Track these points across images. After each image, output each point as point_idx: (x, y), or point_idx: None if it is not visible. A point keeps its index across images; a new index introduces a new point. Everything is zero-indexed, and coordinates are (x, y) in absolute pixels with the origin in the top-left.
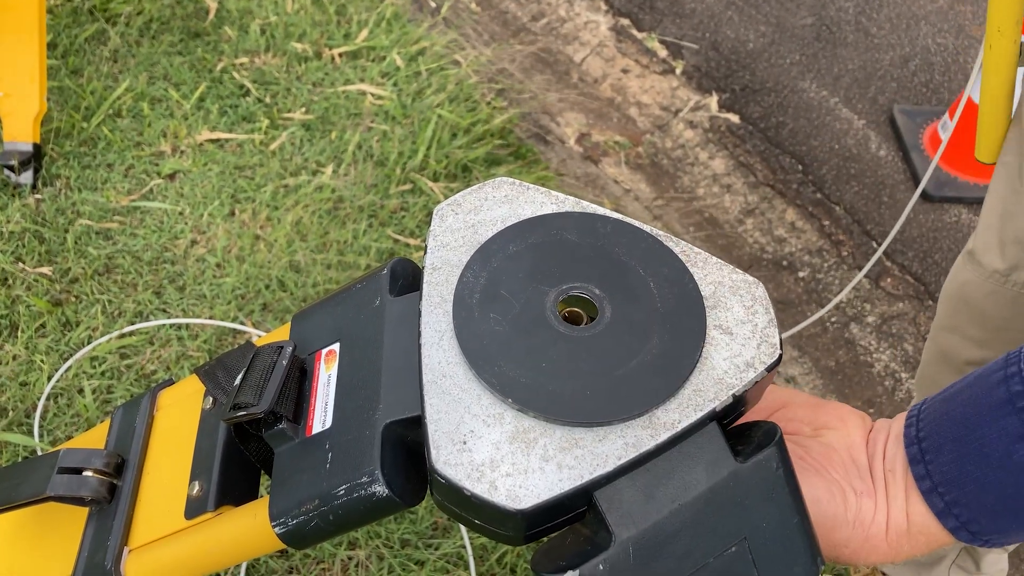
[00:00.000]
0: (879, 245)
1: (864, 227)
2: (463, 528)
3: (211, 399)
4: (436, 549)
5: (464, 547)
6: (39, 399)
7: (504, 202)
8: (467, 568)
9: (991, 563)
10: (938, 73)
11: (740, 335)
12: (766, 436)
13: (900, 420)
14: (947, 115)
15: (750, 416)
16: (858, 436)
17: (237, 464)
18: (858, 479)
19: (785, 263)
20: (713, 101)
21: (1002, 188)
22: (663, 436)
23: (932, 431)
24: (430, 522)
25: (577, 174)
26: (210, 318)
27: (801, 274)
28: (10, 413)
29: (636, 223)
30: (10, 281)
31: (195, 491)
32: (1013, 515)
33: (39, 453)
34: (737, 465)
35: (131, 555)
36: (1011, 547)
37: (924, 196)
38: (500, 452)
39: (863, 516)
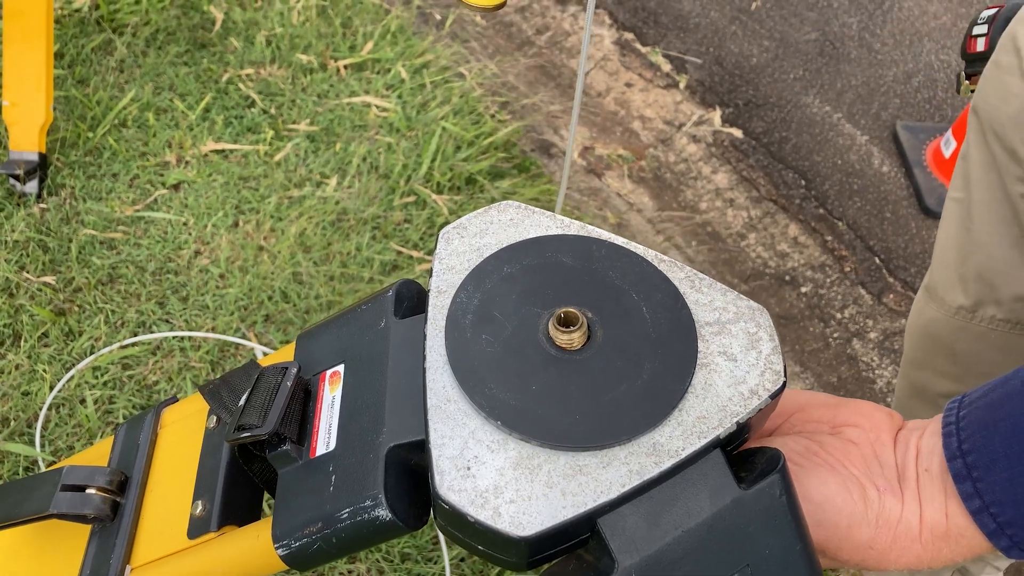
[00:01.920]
0: (882, 261)
1: (867, 243)
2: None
3: (215, 418)
4: (436, 563)
5: (459, 559)
6: (41, 409)
7: (510, 225)
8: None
9: None
10: (941, 90)
11: (744, 362)
12: (769, 463)
13: (937, 420)
14: (950, 132)
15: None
16: (885, 433)
17: (240, 484)
18: (881, 476)
19: (787, 278)
20: (716, 116)
21: (954, 225)
22: (667, 463)
23: (978, 444)
24: (431, 536)
25: (580, 187)
26: (212, 329)
27: (803, 289)
28: (12, 423)
29: (632, 247)
30: (14, 290)
31: (198, 510)
32: None
33: (40, 463)
34: (740, 492)
35: (133, 574)
36: (1004, 565)
37: (926, 212)
38: (504, 478)
39: (887, 515)
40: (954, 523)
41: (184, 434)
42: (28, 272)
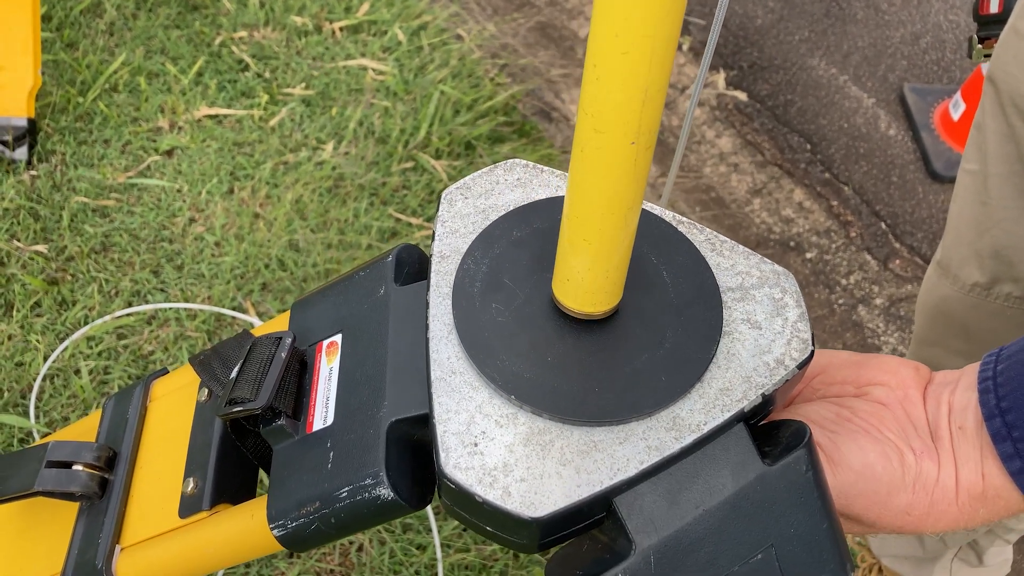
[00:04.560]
0: (888, 226)
1: (873, 207)
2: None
3: (206, 391)
4: (440, 533)
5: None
6: (35, 380)
7: (517, 186)
8: (467, 550)
9: (994, 555)
10: (949, 51)
11: (769, 330)
12: (795, 437)
13: (970, 373)
14: (959, 94)
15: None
16: (913, 390)
17: (234, 460)
18: (916, 438)
19: (792, 244)
20: (720, 78)
21: (969, 199)
22: (688, 439)
23: (1018, 401)
24: (434, 506)
25: None
26: (208, 298)
27: (809, 255)
28: (5, 394)
29: (653, 209)
30: (5, 259)
31: (189, 488)
32: None
33: (35, 434)
34: (765, 468)
35: (123, 554)
36: (1014, 538)
37: (933, 176)
38: (514, 455)
39: (924, 479)
40: (991, 483)
41: (174, 408)
42: (19, 240)
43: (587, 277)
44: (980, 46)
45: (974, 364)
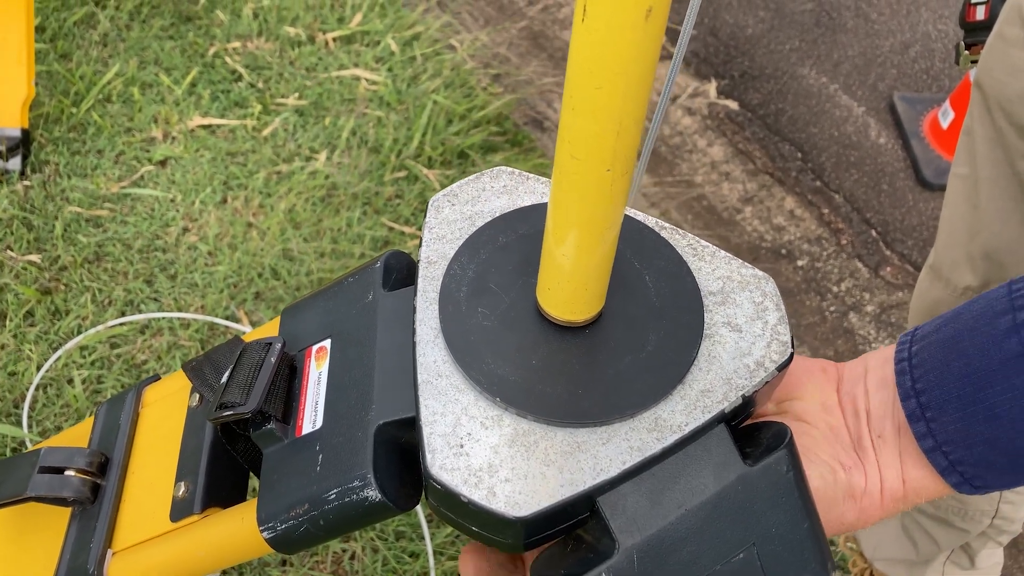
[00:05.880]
0: (879, 234)
1: (864, 215)
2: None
3: (198, 396)
4: (432, 540)
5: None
6: (28, 389)
7: (503, 192)
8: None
9: (986, 557)
10: (939, 60)
11: (750, 332)
12: (776, 438)
13: (875, 366)
14: (948, 102)
15: None
16: (829, 398)
17: (224, 464)
18: (843, 454)
19: (784, 252)
20: (712, 87)
21: (960, 203)
22: (670, 439)
23: (932, 384)
24: (426, 514)
25: None
26: (201, 307)
27: (800, 263)
28: None
29: (636, 215)
30: None
31: (181, 492)
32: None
33: (28, 444)
34: (746, 468)
35: (115, 558)
36: (1006, 540)
37: (923, 183)
38: (499, 456)
39: (854, 490)
40: (911, 486)
41: (166, 413)
42: (12, 250)
43: (567, 289)
44: (967, 52)
45: (878, 351)
